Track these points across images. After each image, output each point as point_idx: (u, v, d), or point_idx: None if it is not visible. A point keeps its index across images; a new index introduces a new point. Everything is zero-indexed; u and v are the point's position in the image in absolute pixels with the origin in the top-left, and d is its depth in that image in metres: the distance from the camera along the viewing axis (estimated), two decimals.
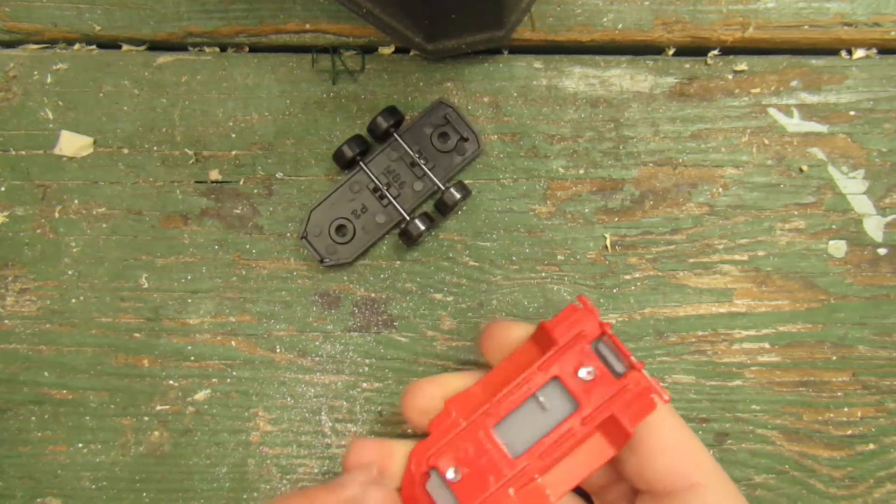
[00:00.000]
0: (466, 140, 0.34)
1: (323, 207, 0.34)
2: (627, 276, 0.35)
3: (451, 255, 0.35)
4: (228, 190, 0.35)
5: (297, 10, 0.35)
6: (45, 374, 0.35)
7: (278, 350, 0.35)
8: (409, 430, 0.35)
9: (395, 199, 0.34)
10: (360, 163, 0.34)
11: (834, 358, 0.35)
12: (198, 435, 0.35)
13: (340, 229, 0.34)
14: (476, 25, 0.32)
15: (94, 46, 0.36)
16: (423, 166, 0.34)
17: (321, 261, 0.33)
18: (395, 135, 0.34)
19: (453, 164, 0.34)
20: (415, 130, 0.34)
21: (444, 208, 0.33)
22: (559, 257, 0.35)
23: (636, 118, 0.35)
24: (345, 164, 0.34)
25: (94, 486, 0.35)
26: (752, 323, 0.35)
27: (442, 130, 0.34)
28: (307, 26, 0.35)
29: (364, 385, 0.35)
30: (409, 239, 0.33)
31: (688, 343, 0.35)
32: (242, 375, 0.35)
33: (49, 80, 0.35)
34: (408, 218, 0.33)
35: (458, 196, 0.33)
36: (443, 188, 0.33)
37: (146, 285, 0.35)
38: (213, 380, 0.35)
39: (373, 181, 0.34)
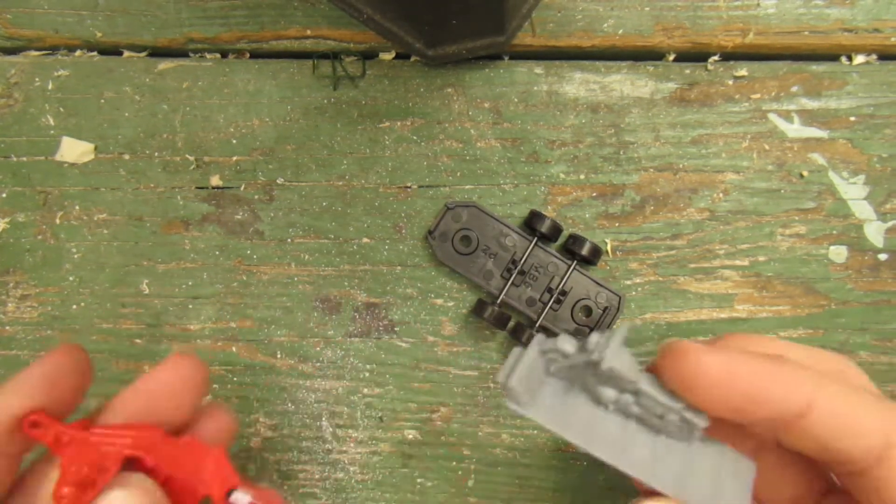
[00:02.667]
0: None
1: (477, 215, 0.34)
2: (628, 282, 0.35)
3: None
4: (229, 195, 0.35)
5: (298, 16, 0.35)
6: None
7: (279, 356, 0.35)
8: (410, 437, 0.35)
9: (516, 286, 0.34)
10: (536, 239, 0.34)
11: None
12: None
13: (465, 240, 0.34)
14: (477, 31, 0.32)
15: (95, 53, 0.36)
16: (550, 303, 0.34)
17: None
18: (553, 254, 0.34)
19: (570, 327, 0.34)
20: (574, 280, 0.34)
21: (517, 333, 0.33)
22: None
23: (637, 123, 0.35)
24: (530, 226, 0.34)
25: None
26: (753, 328, 0.35)
27: (586, 304, 0.34)
28: (308, 32, 0.35)
29: (365, 391, 0.35)
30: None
31: None
32: (243, 381, 0.35)
33: (50, 87, 0.36)
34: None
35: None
36: (533, 333, 0.33)
37: (147, 291, 0.35)
38: (214, 385, 0.35)
39: (519, 259, 0.34)
